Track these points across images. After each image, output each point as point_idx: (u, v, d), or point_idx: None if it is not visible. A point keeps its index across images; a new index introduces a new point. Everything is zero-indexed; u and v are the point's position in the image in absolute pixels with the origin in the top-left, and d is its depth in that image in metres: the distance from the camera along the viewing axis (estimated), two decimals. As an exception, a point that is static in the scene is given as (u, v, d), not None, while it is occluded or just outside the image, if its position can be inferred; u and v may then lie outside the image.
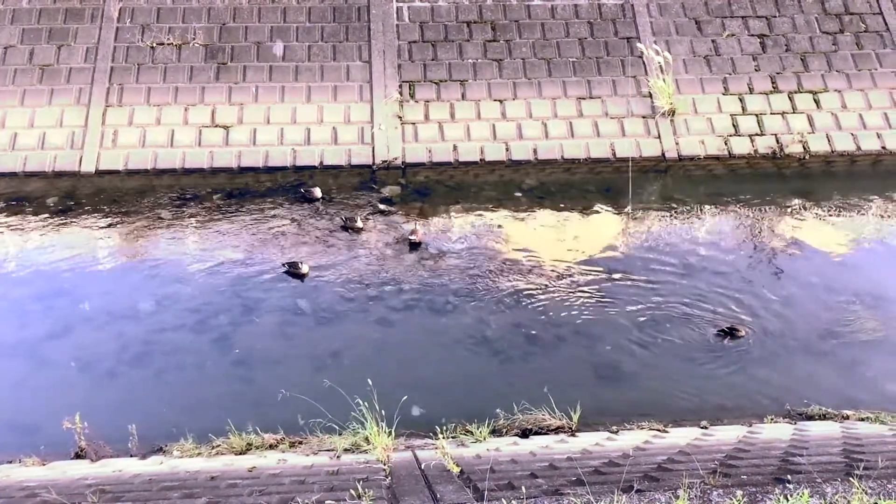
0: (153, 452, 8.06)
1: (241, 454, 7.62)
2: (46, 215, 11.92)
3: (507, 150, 13.20)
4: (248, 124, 13.16)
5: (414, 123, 13.34)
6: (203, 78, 13.48)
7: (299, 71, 13.65)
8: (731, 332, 9.75)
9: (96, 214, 11.97)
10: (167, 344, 9.68)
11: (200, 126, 13.06)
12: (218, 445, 7.90)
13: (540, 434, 8.14)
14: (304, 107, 13.37)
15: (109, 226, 11.77)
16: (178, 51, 13.65)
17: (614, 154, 13.25)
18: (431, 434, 7.94)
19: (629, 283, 10.75)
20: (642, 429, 8.22)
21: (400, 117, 13.34)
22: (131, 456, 7.96)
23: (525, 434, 8.19)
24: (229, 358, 9.50)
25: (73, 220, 11.85)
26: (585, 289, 10.62)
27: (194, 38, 13.75)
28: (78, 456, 7.93)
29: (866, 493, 4.67)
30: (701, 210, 12.45)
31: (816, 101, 13.90)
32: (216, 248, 11.30)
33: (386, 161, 12.97)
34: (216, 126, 13.09)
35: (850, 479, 4.85)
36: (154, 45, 13.66)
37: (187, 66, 13.55)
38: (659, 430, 8.06)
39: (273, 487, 5.78)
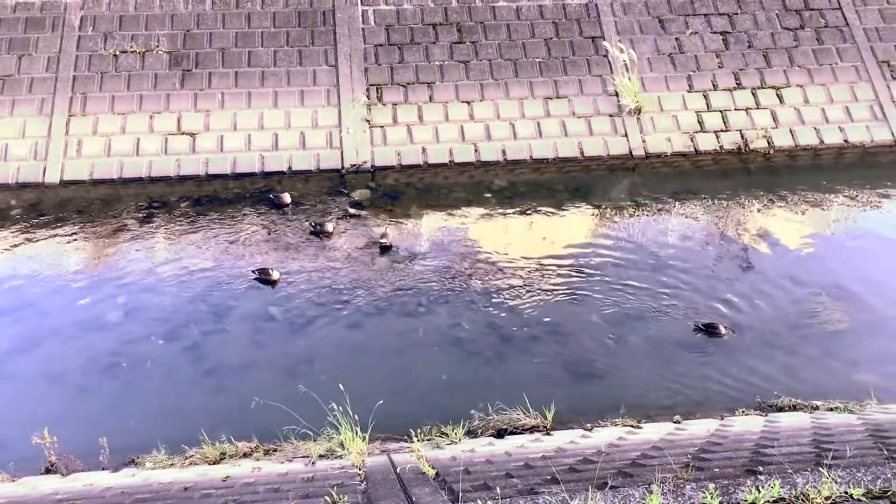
0: (125, 465, 7.96)
1: (214, 464, 7.55)
2: (11, 227, 11.73)
3: (475, 151, 13.23)
4: (215, 131, 13.06)
5: (382, 126, 13.33)
6: (168, 85, 13.36)
7: (265, 76, 13.58)
8: (709, 329, 9.81)
9: (62, 225, 11.81)
10: (137, 354, 9.57)
11: (166, 134, 12.94)
12: (191, 456, 7.82)
13: (515, 434, 8.16)
14: (272, 112, 13.29)
15: (75, 236, 11.62)
16: (141, 58, 13.51)
17: (582, 153, 13.33)
18: (406, 437, 7.93)
19: (600, 280, 10.82)
20: (616, 425, 8.27)
21: (368, 121, 13.32)
22: (103, 469, 7.85)
23: (500, 434, 8.20)
24: (201, 367, 9.41)
25: (39, 231, 11.68)
26: (557, 288, 10.67)
27: (158, 46, 13.62)
28: (48, 471, 7.81)
29: (836, 482, 4.74)
30: (669, 207, 12.57)
31: (779, 97, 14.09)
32: (185, 257, 11.20)
33: (355, 165, 12.94)
34: (182, 133, 12.97)
35: (820, 468, 4.92)
36: (117, 52, 13.51)
37: (151, 74, 13.42)
38: (632, 426, 8.12)
39: (248, 496, 5.74)
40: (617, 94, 13.77)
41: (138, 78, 13.37)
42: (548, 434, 8.03)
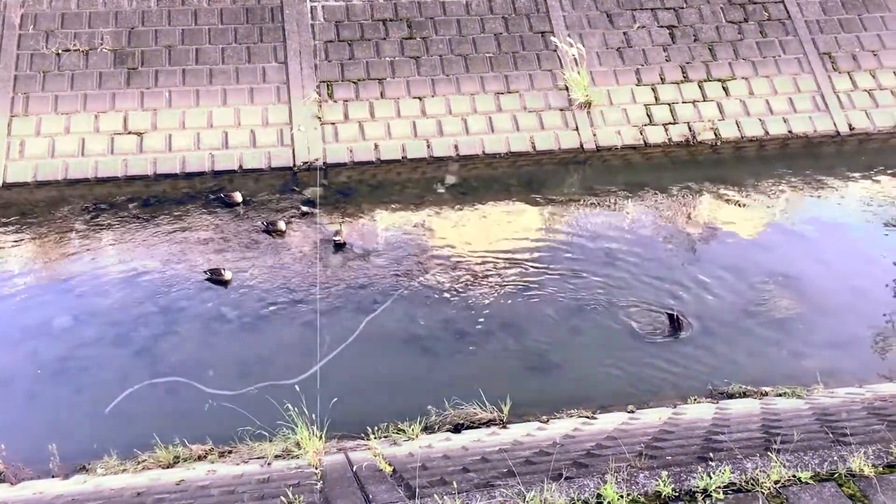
0: (76, 472, 7.79)
1: (168, 468, 7.44)
2: (-49, 232, 11.43)
3: (428, 146, 13.22)
4: (163, 130, 12.86)
5: (334, 123, 13.25)
6: (113, 84, 13.11)
7: (213, 74, 13.40)
8: (674, 321, 9.93)
9: (5, 228, 11.53)
10: (86, 359, 9.38)
11: (112, 133, 12.70)
12: (144, 460, 7.69)
13: (472, 428, 8.18)
14: (221, 110, 13.13)
15: (20, 240, 11.35)
16: (85, 57, 13.24)
17: (534, 147, 13.42)
18: (364, 435, 7.91)
19: (554, 273, 10.90)
20: (572, 417, 8.34)
21: (319, 118, 13.23)
22: (53, 476, 7.68)
23: (457, 429, 8.22)
24: (152, 370, 9.26)
25: (-19, 235, 11.39)
26: (511, 281, 10.72)
27: (102, 44, 13.36)
28: (-4, 480, 7.62)
29: (784, 466, 4.83)
30: (620, 199, 12.72)
31: (725, 89, 14.34)
32: (134, 259, 11.01)
33: (307, 162, 12.85)
34: (129, 133, 12.75)
35: (769, 453, 5.01)
36: (60, 51, 13.21)
37: (96, 73, 13.15)
38: (588, 417, 8.20)
39: (201, 500, 5.67)
40: (567, 89, 13.88)
41: (82, 77, 13.10)
42: (504, 427, 8.07)
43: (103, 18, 13.62)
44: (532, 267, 11.02)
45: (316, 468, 6.45)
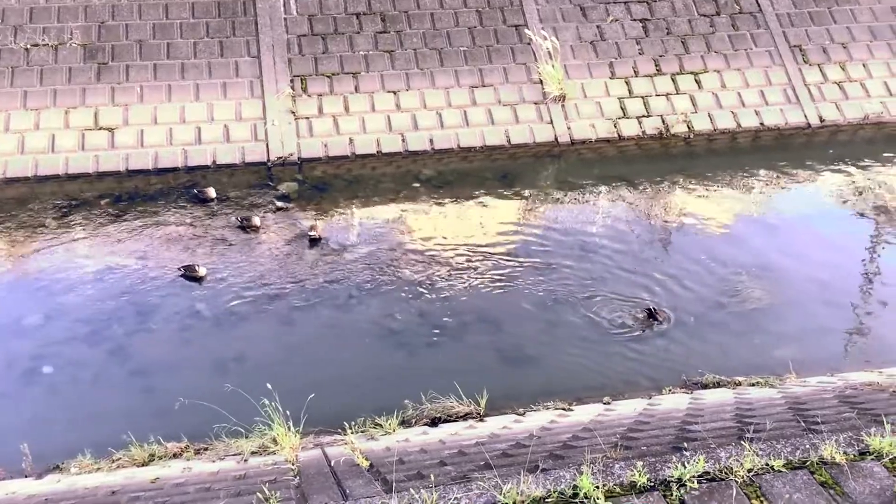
0: (49, 471, 7.70)
1: (143, 466, 7.38)
2: (-81, 230, 11.24)
3: (403, 141, 13.20)
4: (135, 125, 12.73)
5: (308, 118, 13.19)
6: (83, 79, 12.95)
7: (186, 68, 13.28)
8: (653, 314, 10.00)
9: (-26, 227, 11.38)
10: (59, 358, 9.27)
11: (83, 129, 12.55)
12: (118, 459, 7.61)
13: (449, 422, 8.19)
14: (193, 105, 13.02)
15: (-11, 238, 11.21)
16: (54, 52, 13.07)
17: (509, 141, 13.44)
18: (341, 430, 7.89)
19: (530, 266, 10.93)
20: (548, 409, 8.38)
21: (293, 112, 13.16)
22: (26, 476, 7.59)
23: (434, 423, 8.22)
24: (126, 368, 9.18)
25: (-51, 233, 11.22)
26: (487, 275, 10.74)
27: (71, 38, 13.19)
28: (-33, 481, 7.52)
29: (757, 454, 4.89)
30: (595, 192, 12.78)
31: (698, 82, 14.45)
32: (107, 255, 10.89)
33: (281, 157, 12.78)
34: (100, 128, 12.61)
35: (742, 442, 5.06)
36: (28, 46, 13.03)
37: (65, 68, 12.99)
38: (564, 409, 8.24)
39: (177, 497, 5.63)
40: (541, 82, 13.92)
41: (52, 72, 12.93)
42: (481, 421, 8.08)
43: (73, 13, 13.44)
44: (508, 260, 11.05)
45: (293, 464, 6.43)
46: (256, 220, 11.47)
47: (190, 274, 10.45)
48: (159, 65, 13.24)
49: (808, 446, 4.97)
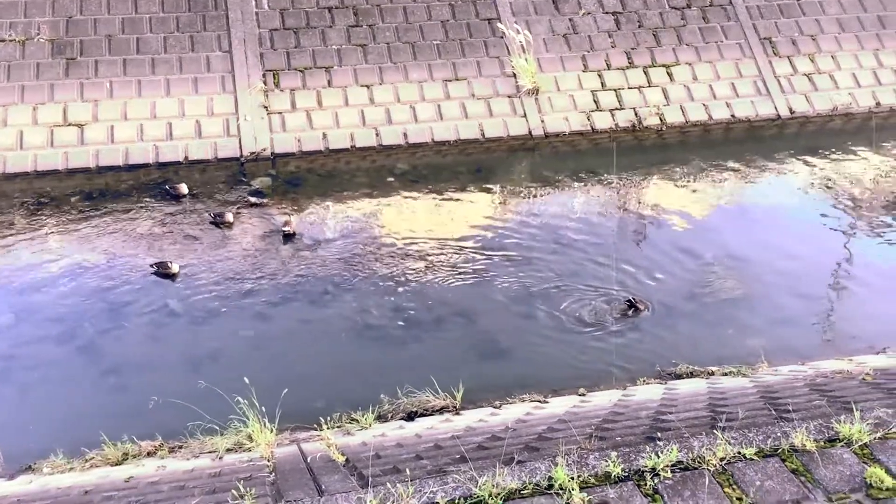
0: (22, 472, 7.61)
1: (117, 465, 7.31)
2: None
3: (377, 135, 13.16)
4: (105, 121, 12.59)
5: (281, 113, 13.11)
6: (51, 75, 12.77)
7: (156, 63, 13.14)
8: (634, 305, 10.07)
9: (-59, 225, 11.19)
10: (30, 358, 9.15)
11: (52, 125, 12.39)
12: (91, 458, 7.54)
13: (425, 416, 8.19)
14: (164, 101, 12.89)
15: (-43, 237, 11.03)
16: (21, 47, 12.87)
17: (483, 134, 13.45)
18: (317, 426, 7.86)
19: (505, 260, 10.95)
20: (524, 401, 8.40)
21: (266, 107, 13.07)
22: (-2, 478, 7.51)
23: (410, 417, 8.22)
24: (99, 367, 9.08)
25: (-85, 233, 11.03)
26: (463, 268, 10.75)
27: (39, 34, 13.00)
28: (-63, 483, 7.41)
29: (729, 443, 4.94)
30: (569, 185, 12.82)
31: (670, 75, 14.54)
32: (78, 253, 10.77)
33: (254, 153, 12.69)
34: (69, 125, 12.45)
35: (715, 431, 5.12)
36: (-6, 41, 12.83)
37: (33, 63, 12.80)
38: (539, 402, 8.27)
39: (151, 496, 5.59)
40: (515, 76, 13.93)
41: (19, 68, 12.74)
42: (457, 414, 8.10)
43: (40, 7, 13.24)
44: (483, 254, 11.06)
45: (268, 460, 6.40)
46: (230, 216, 11.39)
47: (162, 271, 10.35)
48: (129, 60, 13.09)
49: (779, 434, 5.03)
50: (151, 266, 10.43)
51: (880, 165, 13.67)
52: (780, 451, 4.89)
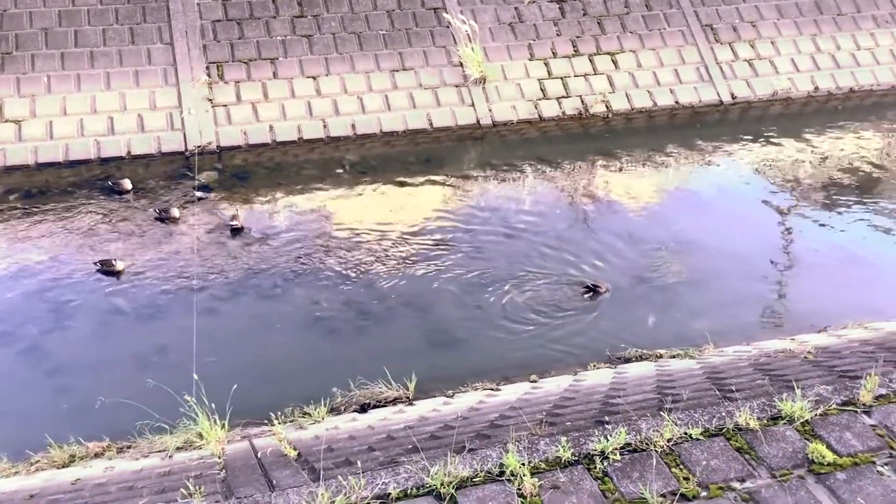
0: (-36, 478, 7.42)
1: (63, 467, 7.17)
2: None
3: (324, 126, 13.05)
4: (43, 117, 12.26)
5: (226, 105, 12.91)
6: (-15, 69, 12.39)
7: (95, 57, 12.83)
8: (593, 289, 10.16)
9: None
10: (-30, 361, 8.92)
11: (-13, 122, 12.03)
12: (37, 461, 7.38)
13: (378, 407, 8.19)
14: (105, 94, 12.60)
15: None
16: (-48, 41, 12.46)
17: (431, 124, 13.43)
18: (268, 421, 7.80)
19: (456, 249, 10.97)
20: (477, 390, 8.44)
21: (210, 100, 12.87)
22: (-61, 486, 7.30)
23: (363, 409, 8.21)
24: (43, 368, 8.88)
25: None
26: (413, 259, 10.74)
27: (-29, 27, 12.60)
28: None
29: (676, 424, 5.03)
30: (518, 173, 12.89)
31: (614, 62, 14.67)
32: (18, 252, 10.50)
33: (199, 146, 12.49)
34: (6, 121, 12.11)
35: (662, 413, 5.21)
36: (-77, 35, 12.40)
37: (-35, 58, 12.41)
38: (492, 390, 8.32)
39: (98, 498, 5.49)
40: (461, 65, 13.93)
41: (-50, 62, 12.34)
42: (410, 404, 8.11)
43: (-29, 0, 12.84)
44: (433, 244, 11.06)
45: (219, 457, 6.34)
46: (175, 212, 11.21)
47: (107, 268, 10.15)
48: (67, 53, 12.76)
49: (724, 414, 5.14)
50: (96, 264, 10.22)
51: (820, 147, 14.00)
52: (724, 430, 4.99)
